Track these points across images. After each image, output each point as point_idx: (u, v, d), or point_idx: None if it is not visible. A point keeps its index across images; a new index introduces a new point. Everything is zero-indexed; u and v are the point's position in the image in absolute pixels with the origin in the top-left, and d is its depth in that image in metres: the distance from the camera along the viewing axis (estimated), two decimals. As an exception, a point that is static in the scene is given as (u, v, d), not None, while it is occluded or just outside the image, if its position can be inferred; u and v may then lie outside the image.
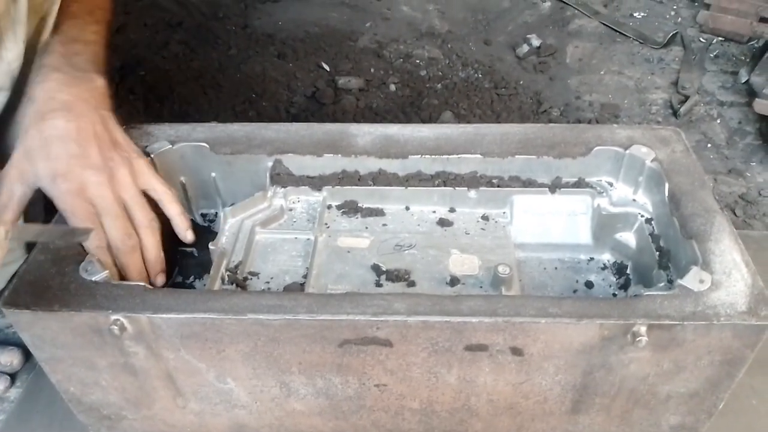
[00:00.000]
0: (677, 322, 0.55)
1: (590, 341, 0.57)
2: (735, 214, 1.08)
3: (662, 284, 0.66)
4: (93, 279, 0.61)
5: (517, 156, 0.76)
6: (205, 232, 0.80)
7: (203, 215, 0.83)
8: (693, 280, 0.59)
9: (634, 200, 0.75)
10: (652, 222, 0.73)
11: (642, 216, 0.74)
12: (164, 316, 0.58)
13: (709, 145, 1.23)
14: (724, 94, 1.36)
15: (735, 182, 1.14)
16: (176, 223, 0.71)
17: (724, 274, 0.59)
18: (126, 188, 0.67)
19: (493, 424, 0.67)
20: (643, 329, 0.55)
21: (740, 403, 0.75)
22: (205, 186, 0.81)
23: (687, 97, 1.31)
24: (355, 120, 1.31)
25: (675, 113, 1.30)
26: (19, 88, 0.80)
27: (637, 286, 0.68)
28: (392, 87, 1.41)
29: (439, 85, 1.42)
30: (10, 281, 0.90)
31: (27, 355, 0.86)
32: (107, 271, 0.61)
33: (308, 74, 1.41)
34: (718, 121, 1.29)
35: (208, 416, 0.69)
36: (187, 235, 0.71)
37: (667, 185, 0.70)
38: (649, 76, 1.42)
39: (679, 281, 0.59)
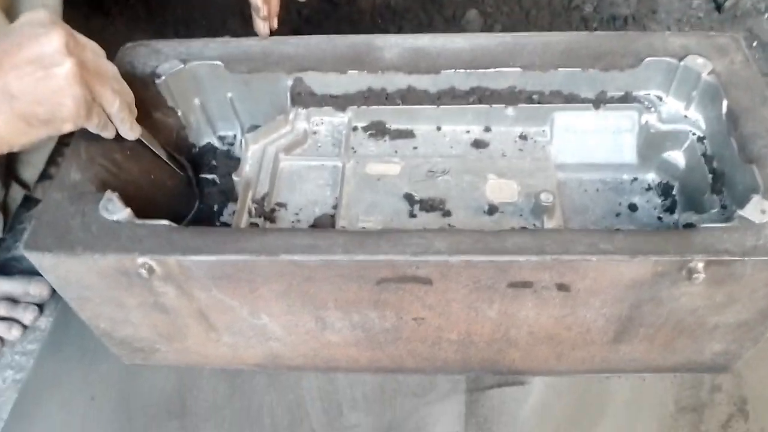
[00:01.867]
0: (737, 258, 0.52)
1: (642, 277, 0.54)
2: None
3: (716, 210, 0.62)
4: (115, 219, 0.57)
5: (559, 69, 0.70)
6: (226, 157, 0.76)
7: (221, 138, 0.79)
8: (754, 210, 0.54)
9: (685, 116, 0.70)
10: (705, 141, 0.68)
11: (694, 134, 0.69)
12: (194, 258, 0.55)
13: (754, 44, 1.14)
14: (773, -16, 1.24)
15: (782, 84, 1.07)
16: None
17: (789, 203, 0.55)
18: None
19: (532, 353, 0.66)
20: (700, 266, 0.52)
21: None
22: (222, 107, 0.76)
23: (733, -11, 1.20)
24: (372, 20, 1.21)
25: (718, 7, 1.19)
26: None
27: (688, 213, 0.64)
28: (411, -18, 1.30)
29: (462, -21, 1.31)
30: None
31: (53, 284, 0.85)
32: (129, 209, 0.58)
33: (319, -29, 1.30)
34: (766, 15, 1.18)
35: (241, 348, 0.68)
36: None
37: (725, 102, 0.64)
38: (691, -35, 1.29)
39: (739, 212, 0.54)
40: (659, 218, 0.69)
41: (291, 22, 1.20)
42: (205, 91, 0.74)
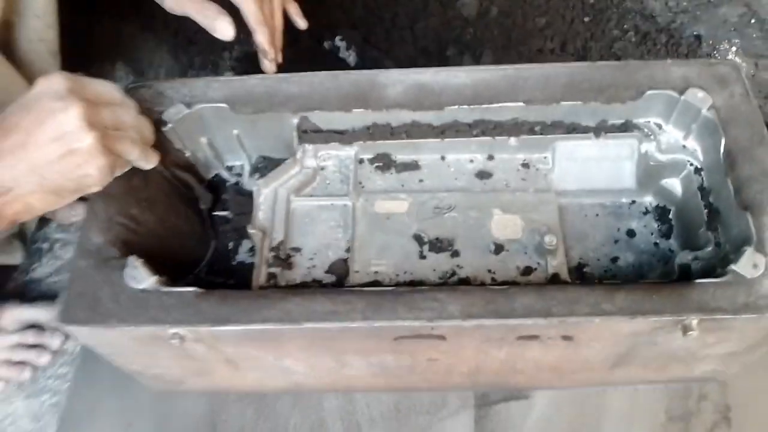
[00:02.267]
0: (730, 316, 0.56)
1: (640, 330, 0.59)
2: (774, 107, 1.03)
3: (710, 249, 0.66)
4: (141, 287, 0.60)
5: (562, 102, 0.71)
6: (236, 192, 0.78)
7: (229, 168, 0.80)
8: (746, 265, 0.58)
9: (684, 146, 0.72)
10: (702, 173, 0.70)
11: (691, 164, 0.71)
12: (222, 328, 0.58)
13: (752, 21, 1.12)
14: (775, -50, 1.21)
15: (778, 67, 1.07)
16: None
17: (779, 256, 0.59)
18: None
19: (536, 377, 0.72)
20: (694, 323, 0.56)
21: None
22: (229, 142, 0.77)
23: (733, -42, 1.17)
24: (366, 4, 1.18)
25: (718, -22, 1.17)
26: None
27: (683, 252, 0.67)
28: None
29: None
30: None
31: (75, 308, 0.89)
32: (154, 277, 0.61)
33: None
34: (766, -13, 1.16)
35: (266, 380, 0.73)
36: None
37: (723, 141, 0.66)
38: (691, -73, 1.25)
39: (732, 266, 0.58)
40: (656, 244, 0.73)
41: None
42: (211, 130, 0.74)
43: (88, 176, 0.57)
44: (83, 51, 1.01)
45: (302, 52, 0.83)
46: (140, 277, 0.61)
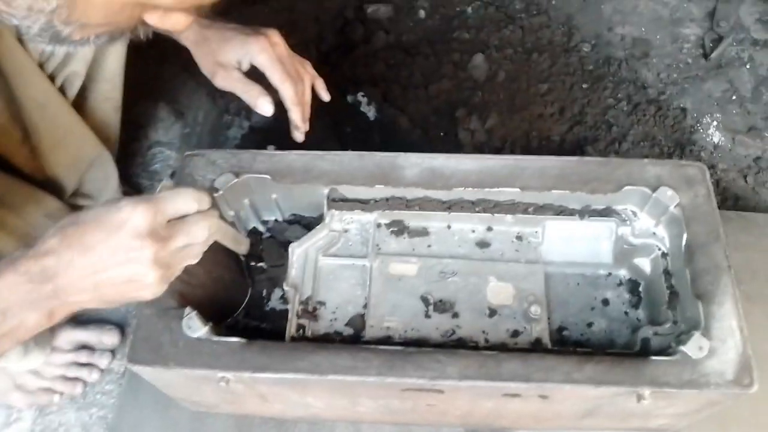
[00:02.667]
0: (675, 390, 0.69)
1: (603, 395, 0.72)
2: (745, 180, 1.15)
3: (668, 326, 0.78)
4: (196, 336, 0.73)
5: (553, 191, 0.83)
6: (270, 244, 0.91)
7: (264, 222, 0.93)
8: (693, 347, 0.71)
9: (654, 233, 0.84)
10: (668, 258, 0.83)
11: (659, 249, 0.84)
12: (261, 375, 0.71)
13: (734, 98, 1.24)
14: (759, 31, 1.32)
15: (752, 143, 1.18)
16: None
17: (720, 341, 0.71)
18: None
19: (518, 421, 0.85)
20: (647, 393, 0.69)
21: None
22: (267, 203, 0.89)
23: (721, 38, 1.29)
24: (386, 61, 1.30)
25: (705, 55, 1.29)
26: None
27: (645, 327, 0.80)
28: (422, 13, 1.38)
29: (470, 9, 1.39)
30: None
31: (123, 331, 1.02)
32: (207, 327, 0.73)
33: (336, 1, 1.37)
34: (748, 66, 1.28)
35: (288, 410, 0.86)
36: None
37: (685, 236, 0.78)
38: (685, 4, 1.37)
39: (682, 347, 0.71)
40: (626, 313, 0.86)
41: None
42: (253, 193, 0.87)
43: (141, 297, 0.64)
44: (128, 90, 1.12)
45: (327, 104, 0.95)
46: (195, 326, 0.73)
